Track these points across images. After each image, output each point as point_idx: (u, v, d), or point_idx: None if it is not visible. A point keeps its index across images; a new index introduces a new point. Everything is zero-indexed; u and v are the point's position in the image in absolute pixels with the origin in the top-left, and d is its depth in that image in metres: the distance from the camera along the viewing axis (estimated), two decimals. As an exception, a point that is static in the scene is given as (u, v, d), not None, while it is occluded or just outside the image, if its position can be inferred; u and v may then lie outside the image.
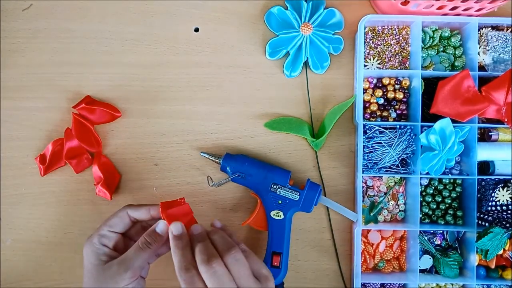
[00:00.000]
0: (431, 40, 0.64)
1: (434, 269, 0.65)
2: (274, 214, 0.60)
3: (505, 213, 0.62)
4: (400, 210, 0.66)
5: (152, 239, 0.52)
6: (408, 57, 0.65)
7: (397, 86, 0.65)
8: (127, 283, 0.51)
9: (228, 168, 0.61)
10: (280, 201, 0.60)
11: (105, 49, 0.65)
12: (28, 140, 0.64)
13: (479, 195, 0.63)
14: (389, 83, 0.64)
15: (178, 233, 0.51)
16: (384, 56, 0.65)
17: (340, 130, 0.65)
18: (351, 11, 0.65)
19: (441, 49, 0.65)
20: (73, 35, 0.65)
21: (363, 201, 0.65)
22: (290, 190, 0.60)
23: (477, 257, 0.63)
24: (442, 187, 0.65)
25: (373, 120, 0.64)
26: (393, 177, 0.65)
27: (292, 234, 0.62)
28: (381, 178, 0.65)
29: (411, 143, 0.62)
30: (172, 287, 0.65)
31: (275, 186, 0.60)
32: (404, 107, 0.64)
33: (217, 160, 0.62)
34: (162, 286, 0.65)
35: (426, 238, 0.63)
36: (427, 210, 0.65)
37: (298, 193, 0.60)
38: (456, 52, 0.65)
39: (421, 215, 0.64)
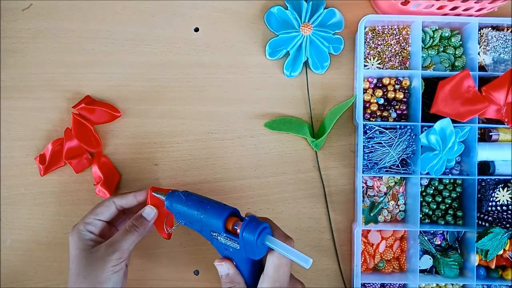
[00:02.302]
0: (431, 40, 0.64)
1: (434, 269, 0.65)
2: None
3: (505, 213, 0.62)
4: (400, 210, 0.66)
5: (139, 222, 0.55)
6: (408, 57, 0.65)
7: (397, 86, 0.65)
8: (114, 263, 0.52)
9: (171, 208, 0.53)
10: (226, 249, 0.50)
11: (105, 49, 0.65)
12: (28, 140, 0.64)
13: (479, 195, 0.63)
14: (389, 83, 0.64)
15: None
16: (384, 56, 0.65)
17: (340, 130, 0.65)
18: (351, 11, 0.65)
19: (441, 49, 0.65)
20: (73, 35, 0.65)
21: (363, 201, 0.65)
22: (227, 238, 0.48)
23: (477, 257, 0.63)
24: (442, 187, 0.65)
25: (373, 120, 0.64)
26: (393, 177, 0.65)
27: (292, 234, 0.62)
28: (381, 178, 0.65)
29: (411, 143, 0.62)
30: (171, 287, 0.65)
31: (214, 234, 0.49)
32: (404, 107, 0.64)
33: (162, 198, 0.55)
34: (162, 286, 0.65)
35: (426, 238, 0.63)
36: (427, 210, 0.65)
37: (236, 242, 0.48)
38: (456, 52, 0.65)
39: (421, 215, 0.64)
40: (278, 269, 0.48)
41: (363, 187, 0.65)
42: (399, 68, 0.65)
